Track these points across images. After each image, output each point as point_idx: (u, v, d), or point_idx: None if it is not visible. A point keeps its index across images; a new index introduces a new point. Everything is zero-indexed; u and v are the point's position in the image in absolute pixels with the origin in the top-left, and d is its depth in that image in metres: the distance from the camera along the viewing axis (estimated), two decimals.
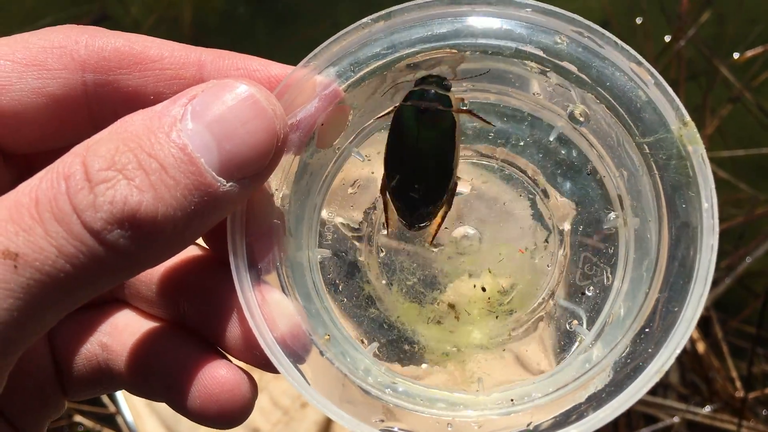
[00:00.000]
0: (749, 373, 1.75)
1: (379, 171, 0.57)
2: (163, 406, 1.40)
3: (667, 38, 2.04)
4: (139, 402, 1.42)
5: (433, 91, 0.54)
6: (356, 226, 0.59)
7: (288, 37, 2.08)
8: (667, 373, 1.81)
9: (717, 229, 0.48)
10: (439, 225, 0.57)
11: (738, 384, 1.77)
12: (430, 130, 0.54)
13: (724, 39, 2.06)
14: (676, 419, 1.74)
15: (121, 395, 1.44)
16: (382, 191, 0.57)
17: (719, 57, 2.03)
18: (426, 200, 0.55)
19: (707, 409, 1.75)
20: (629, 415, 1.76)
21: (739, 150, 1.96)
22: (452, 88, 0.55)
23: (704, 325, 1.84)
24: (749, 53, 2.00)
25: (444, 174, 0.55)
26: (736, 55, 2.03)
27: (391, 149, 0.55)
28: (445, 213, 0.56)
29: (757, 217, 1.92)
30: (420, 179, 0.55)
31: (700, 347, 1.79)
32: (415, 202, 0.56)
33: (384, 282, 0.58)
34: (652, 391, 1.79)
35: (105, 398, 1.70)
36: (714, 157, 1.96)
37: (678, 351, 0.47)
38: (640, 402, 1.76)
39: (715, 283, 1.87)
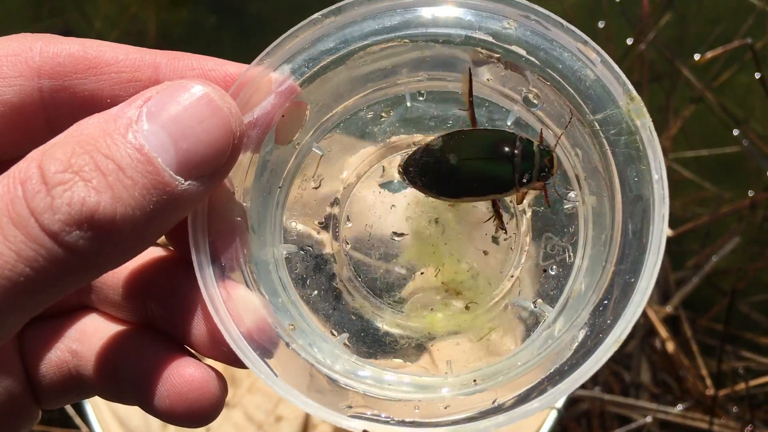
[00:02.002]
0: (719, 370, 1.78)
1: (339, 164, 0.59)
2: (134, 423, 1.38)
3: (629, 41, 2.07)
4: (111, 419, 1.41)
5: (537, 165, 0.54)
6: (321, 220, 0.59)
7: (254, 47, 2.10)
8: (639, 374, 1.83)
9: (668, 199, 0.49)
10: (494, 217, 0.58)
11: (708, 382, 1.79)
12: (494, 165, 0.55)
13: (685, 40, 2.09)
14: (648, 419, 1.76)
15: (92, 414, 1.42)
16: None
17: (681, 58, 2.06)
18: (429, 183, 0.56)
19: (679, 407, 1.77)
20: (603, 416, 1.77)
21: (703, 150, 1.99)
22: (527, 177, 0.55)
23: (673, 324, 1.86)
24: (710, 54, 2.03)
25: (459, 191, 0.56)
26: (697, 56, 2.06)
27: (464, 133, 0.56)
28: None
29: (722, 215, 1.95)
30: (451, 174, 0.56)
31: (670, 346, 1.80)
32: (422, 175, 0.56)
33: (351, 273, 0.59)
34: (625, 392, 1.81)
35: (77, 419, 1.68)
36: (678, 158, 1.99)
37: (634, 321, 0.48)
38: (613, 403, 1.77)
39: (683, 282, 1.89)
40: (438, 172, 0.56)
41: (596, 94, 0.51)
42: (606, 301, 0.50)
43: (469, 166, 0.55)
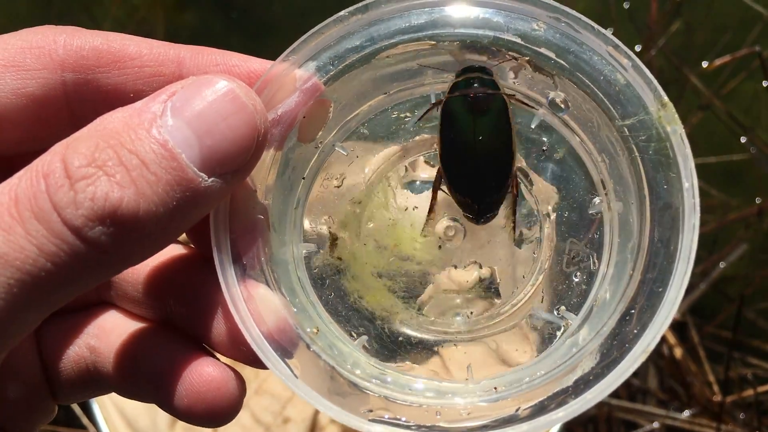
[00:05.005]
0: (726, 377, 1.77)
1: (361, 164, 0.57)
2: (142, 423, 1.38)
3: (638, 48, 2.07)
4: (118, 419, 1.41)
5: (478, 77, 0.54)
6: (342, 219, 0.59)
7: (262, 51, 2.09)
8: (646, 379, 1.82)
9: (698, 208, 0.48)
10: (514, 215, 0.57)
11: (716, 388, 1.78)
12: (486, 116, 0.55)
13: (693, 48, 2.09)
14: (656, 425, 1.75)
15: (99, 414, 1.42)
16: (435, 188, 0.58)
17: (689, 66, 2.06)
18: (493, 187, 0.56)
19: (686, 413, 1.76)
20: (610, 421, 1.77)
21: (710, 157, 1.99)
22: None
23: (681, 330, 1.86)
24: (718, 61, 2.03)
25: (507, 156, 0.55)
26: (705, 64, 2.06)
27: (446, 143, 0.56)
28: (515, 200, 0.57)
29: (729, 222, 1.94)
30: (484, 167, 0.56)
31: (678, 352, 1.80)
32: (482, 192, 0.56)
33: (371, 275, 0.58)
34: (632, 397, 1.80)
35: (83, 418, 1.68)
36: None
37: (663, 330, 0.47)
38: (621, 408, 1.77)
39: (691, 288, 1.89)
40: (472, 169, 0.56)
41: (626, 99, 0.50)
42: (632, 311, 0.49)
43: (480, 137, 0.55)
